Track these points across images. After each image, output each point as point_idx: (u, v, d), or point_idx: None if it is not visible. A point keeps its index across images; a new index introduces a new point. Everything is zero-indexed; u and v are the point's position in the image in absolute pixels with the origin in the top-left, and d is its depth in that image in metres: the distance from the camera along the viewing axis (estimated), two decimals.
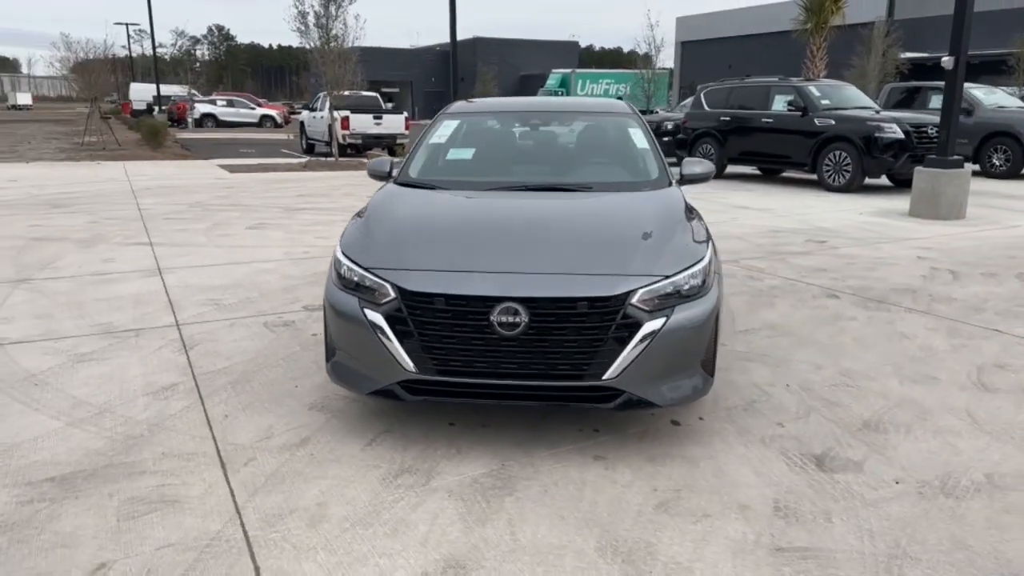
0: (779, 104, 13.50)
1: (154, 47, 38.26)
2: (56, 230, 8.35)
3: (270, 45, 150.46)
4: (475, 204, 3.84)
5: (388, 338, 3.02)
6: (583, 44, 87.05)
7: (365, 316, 3.07)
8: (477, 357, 2.98)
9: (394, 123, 20.48)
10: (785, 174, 14.91)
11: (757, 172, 15.39)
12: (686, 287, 3.13)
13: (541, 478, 2.94)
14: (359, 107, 20.01)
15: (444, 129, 4.69)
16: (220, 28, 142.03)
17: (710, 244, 3.49)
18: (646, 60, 25.09)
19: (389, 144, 20.04)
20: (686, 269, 3.18)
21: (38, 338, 4.57)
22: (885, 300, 5.63)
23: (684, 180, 4.35)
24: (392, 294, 3.05)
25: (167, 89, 41.10)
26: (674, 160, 5.46)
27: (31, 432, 3.28)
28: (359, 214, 3.85)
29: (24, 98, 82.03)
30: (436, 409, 3.48)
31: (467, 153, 4.59)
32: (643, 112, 20.92)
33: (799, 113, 12.95)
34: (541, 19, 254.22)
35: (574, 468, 3.02)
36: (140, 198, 11.17)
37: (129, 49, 37.49)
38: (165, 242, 7.75)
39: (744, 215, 10.01)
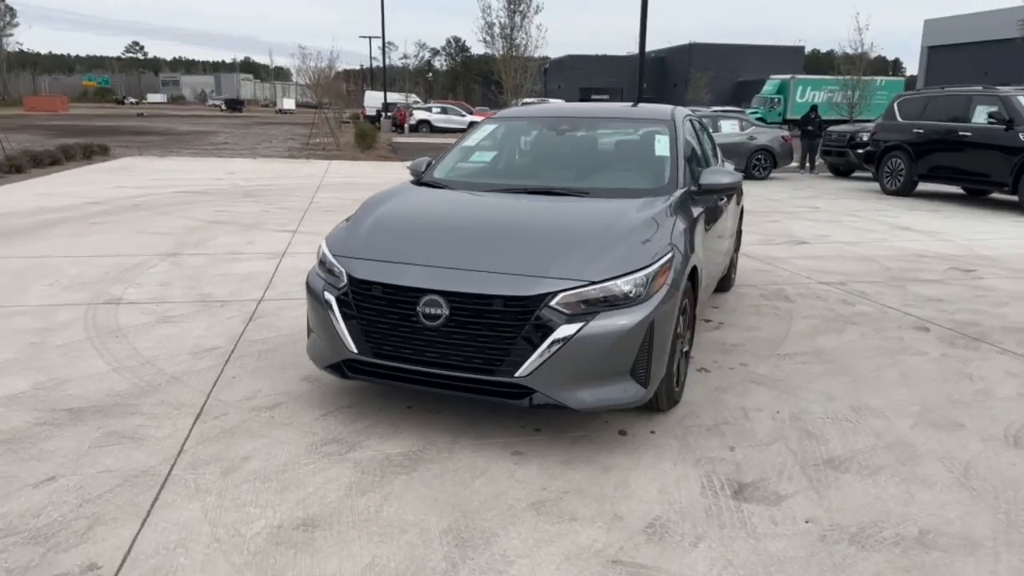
0: (980, 116, 11.98)
1: (384, 58, 42.08)
2: (232, 215, 9.68)
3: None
4: (454, 204, 4.01)
5: (337, 319, 3.33)
6: (809, 49, 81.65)
7: (325, 298, 3.40)
8: (405, 344, 3.19)
9: None
10: (993, 195, 13.17)
11: (960, 192, 13.74)
12: (615, 294, 3.10)
13: (447, 463, 3.09)
14: None
15: (481, 133, 4.91)
16: (457, 40, 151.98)
17: (672, 254, 3.38)
18: (872, 64, 23.22)
19: None
20: (620, 276, 3.14)
21: (146, 301, 5.47)
22: (983, 339, 4.94)
23: (703, 190, 4.19)
24: (345, 279, 3.35)
25: (395, 97, 44.91)
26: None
27: (84, 372, 4.01)
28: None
29: (289, 103, 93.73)
30: (402, 393, 3.73)
31: (489, 156, 4.77)
32: (838, 122, 19.48)
33: (1003, 127, 11.42)
34: (763, 23, 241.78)
35: (484, 459, 3.13)
36: (320, 192, 12.51)
37: (370, 59, 41.41)
38: (308, 231, 8.69)
39: (898, 236, 9.09)
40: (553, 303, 3.03)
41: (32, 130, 28.71)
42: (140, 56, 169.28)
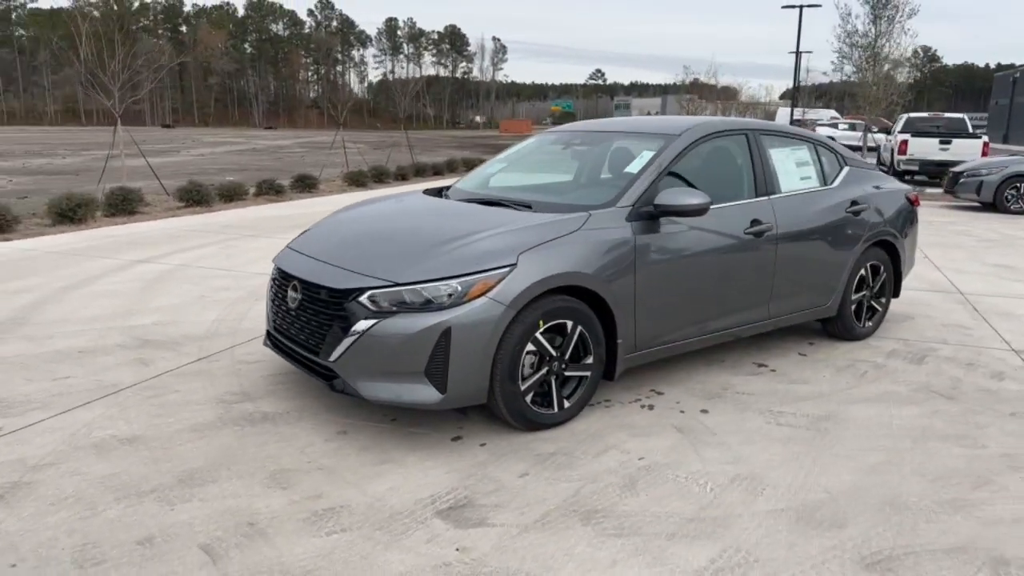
0: None
1: (796, 70, 40.02)
2: None
3: (987, 65, 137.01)
4: (393, 209, 4.28)
5: (266, 297, 4.07)
6: None
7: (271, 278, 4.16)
8: (283, 321, 3.77)
9: (966, 149, 17.63)
10: None
11: None
12: (417, 298, 3.24)
13: (281, 429, 3.59)
14: (923, 130, 17.92)
15: (519, 147, 5.05)
16: (927, 49, 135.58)
17: (509, 270, 3.31)
18: None
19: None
20: (423, 282, 3.26)
21: None
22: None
23: (659, 211, 3.81)
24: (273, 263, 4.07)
25: (818, 114, 42.49)
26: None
27: (194, 319, 5.39)
28: None
29: None
30: None
31: (496, 168, 4.89)
32: None
33: None
34: None
35: (384, 438, 3.53)
36: None
37: (795, 74, 39.72)
38: None
39: (983, 278, 6.14)
40: (361, 299, 3.31)
41: (447, 147, 34.62)
42: (601, 82, 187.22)
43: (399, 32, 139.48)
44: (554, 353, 3.53)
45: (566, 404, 3.64)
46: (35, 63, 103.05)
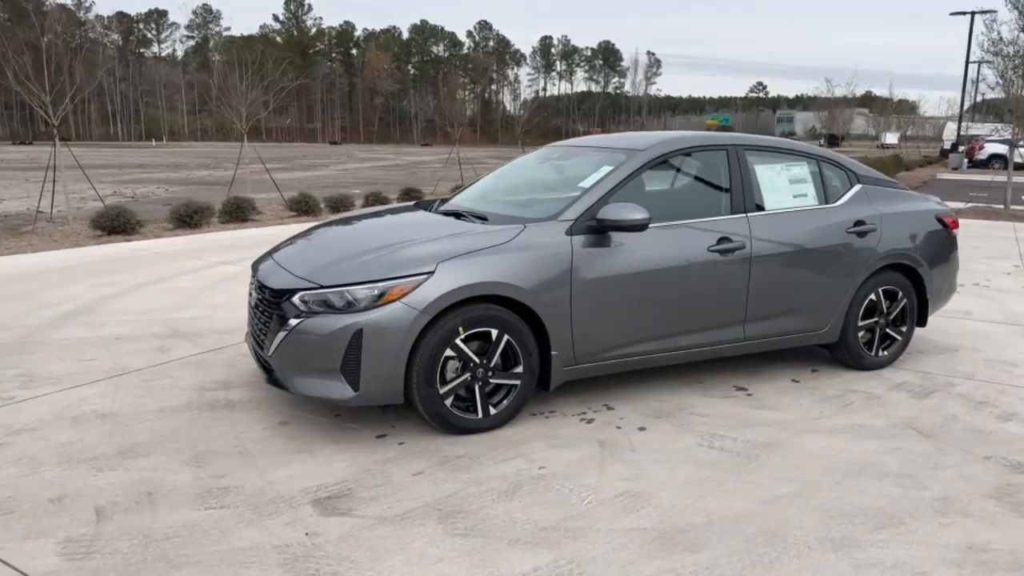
0: None
1: (964, 82, 36.60)
2: None
3: None
4: (367, 221, 4.50)
5: None
6: None
7: None
8: (250, 319, 4.14)
9: None
10: None
11: None
12: (336, 299, 3.48)
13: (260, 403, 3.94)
14: None
15: (517, 160, 5.16)
16: None
17: (427, 277, 3.46)
18: None
19: None
20: (342, 285, 3.50)
21: None
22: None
23: (603, 226, 3.82)
24: None
25: (980, 128, 38.86)
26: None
27: (227, 316, 5.94)
28: None
29: (891, 138, 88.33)
30: None
31: (491, 181, 4.99)
32: None
33: None
34: None
35: (315, 431, 3.86)
36: None
37: (963, 86, 36.29)
38: None
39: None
40: (294, 299, 3.59)
41: None
42: (762, 95, 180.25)
43: (553, 50, 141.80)
44: (477, 360, 3.64)
45: (492, 411, 3.73)
46: (283, 85, 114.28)
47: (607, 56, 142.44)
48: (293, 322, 3.54)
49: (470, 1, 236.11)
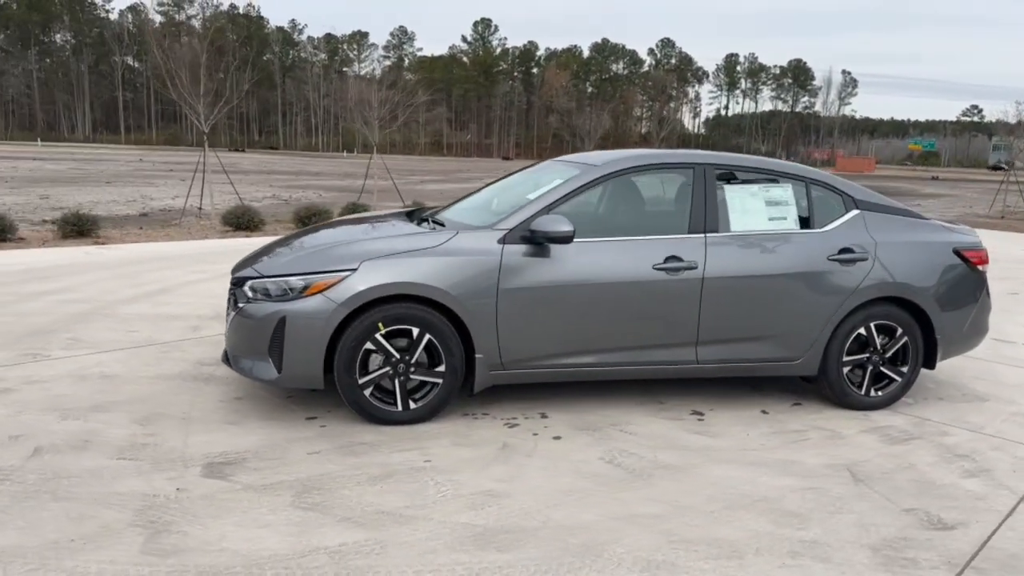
0: None
1: None
2: None
3: None
4: (344, 226, 4.78)
5: None
6: None
7: None
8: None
9: None
10: None
11: None
12: (273, 288, 3.86)
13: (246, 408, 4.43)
14: None
15: (521, 172, 5.30)
16: None
17: (349, 274, 3.75)
18: None
19: None
20: (275, 276, 3.87)
21: None
22: None
23: (536, 238, 3.91)
24: None
25: None
26: None
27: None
28: None
29: None
30: None
31: (490, 191, 5.09)
32: None
33: None
34: None
35: (260, 407, 4.32)
36: None
37: None
38: None
39: None
40: (244, 287, 4.01)
41: None
42: (976, 119, 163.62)
43: (738, 67, 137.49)
44: (398, 356, 3.86)
45: (412, 406, 3.93)
46: (411, 103, 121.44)
47: (797, 74, 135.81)
48: (240, 306, 3.95)
49: (655, 20, 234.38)
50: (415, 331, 3.86)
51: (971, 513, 3.22)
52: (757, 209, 4.35)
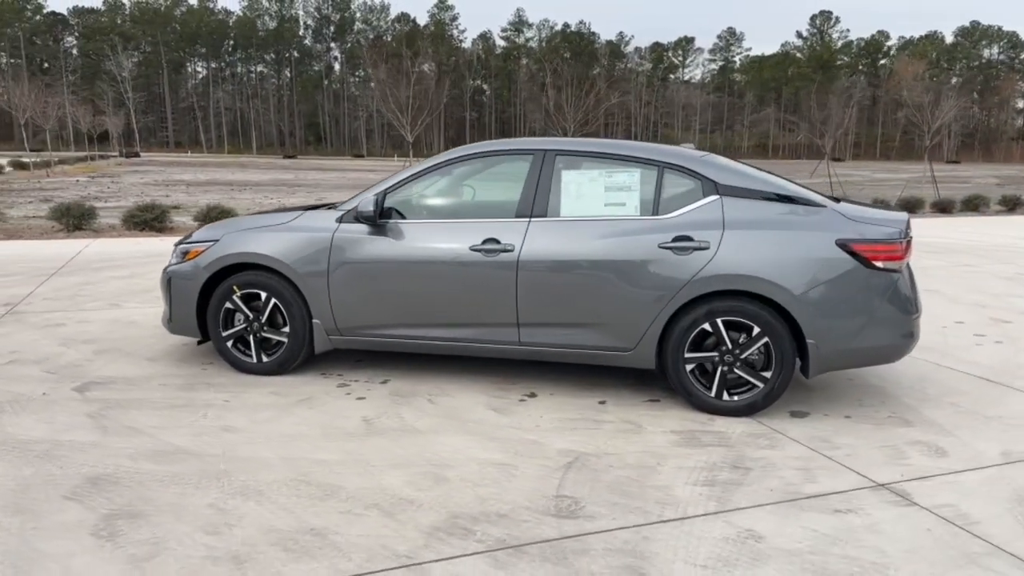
0: None
1: None
2: None
3: None
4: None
5: None
6: None
7: None
8: None
9: None
10: None
11: None
12: (176, 252, 4.84)
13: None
14: None
15: None
16: None
17: (211, 244, 4.57)
18: None
19: None
20: (180, 244, 4.83)
21: None
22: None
23: (360, 217, 4.34)
24: None
25: None
26: None
27: None
28: None
29: None
30: None
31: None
32: None
33: None
34: None
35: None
36: None
37: None
38: None
39: None
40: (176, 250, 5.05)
41: None
42: None
43: None
44: (250, 315, 4.59)
45: (264, 359, 4.61)
46: (740, 104, 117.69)
47: None
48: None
49: None
50: (263, 295, 4.54)
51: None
52: (594, 195, 4.19)
